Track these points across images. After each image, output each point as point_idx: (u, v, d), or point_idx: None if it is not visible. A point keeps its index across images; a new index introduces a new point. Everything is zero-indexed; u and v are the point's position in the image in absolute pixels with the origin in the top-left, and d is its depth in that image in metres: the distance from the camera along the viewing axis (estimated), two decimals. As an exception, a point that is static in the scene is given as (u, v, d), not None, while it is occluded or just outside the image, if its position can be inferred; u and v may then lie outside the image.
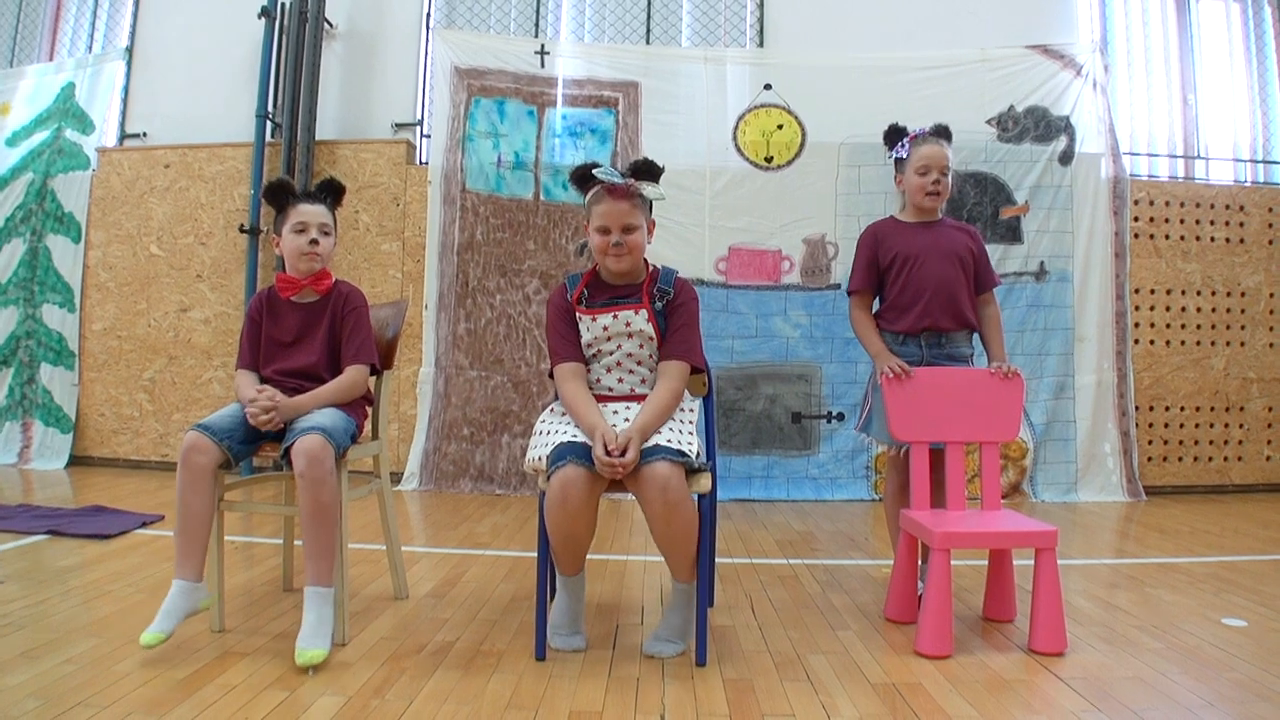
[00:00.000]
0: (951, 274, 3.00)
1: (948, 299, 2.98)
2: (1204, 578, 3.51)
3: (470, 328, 5.48)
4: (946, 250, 3.01)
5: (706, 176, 5.52)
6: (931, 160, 2.98)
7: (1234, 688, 2.28)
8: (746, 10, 6.06)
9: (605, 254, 2.55)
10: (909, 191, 3.05)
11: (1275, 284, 5.93)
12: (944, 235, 3.05)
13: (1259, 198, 5.97)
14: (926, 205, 3.02)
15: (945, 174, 2.99)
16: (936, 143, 3.01)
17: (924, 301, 2.97)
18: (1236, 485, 5.85)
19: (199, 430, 2.43)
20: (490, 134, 5.60)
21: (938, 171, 2.98)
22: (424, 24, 6.11)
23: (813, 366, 5.44)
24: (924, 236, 3.02)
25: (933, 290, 2.97)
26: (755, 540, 4.19)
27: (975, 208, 5.53)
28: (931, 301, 2.97)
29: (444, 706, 2.09)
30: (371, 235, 5.74)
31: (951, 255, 3.01)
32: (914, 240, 3.02)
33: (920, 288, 2.98)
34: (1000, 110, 5.59)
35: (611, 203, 2.52)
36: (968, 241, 3.07)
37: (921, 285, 2.98)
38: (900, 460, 3.02)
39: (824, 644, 2.62)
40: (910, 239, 3.03)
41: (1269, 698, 2.21)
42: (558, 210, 5.54)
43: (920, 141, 3.02)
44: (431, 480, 5.36)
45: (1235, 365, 5.87)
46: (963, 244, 3.05)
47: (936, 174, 2.98)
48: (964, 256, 3.03)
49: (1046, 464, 5.45)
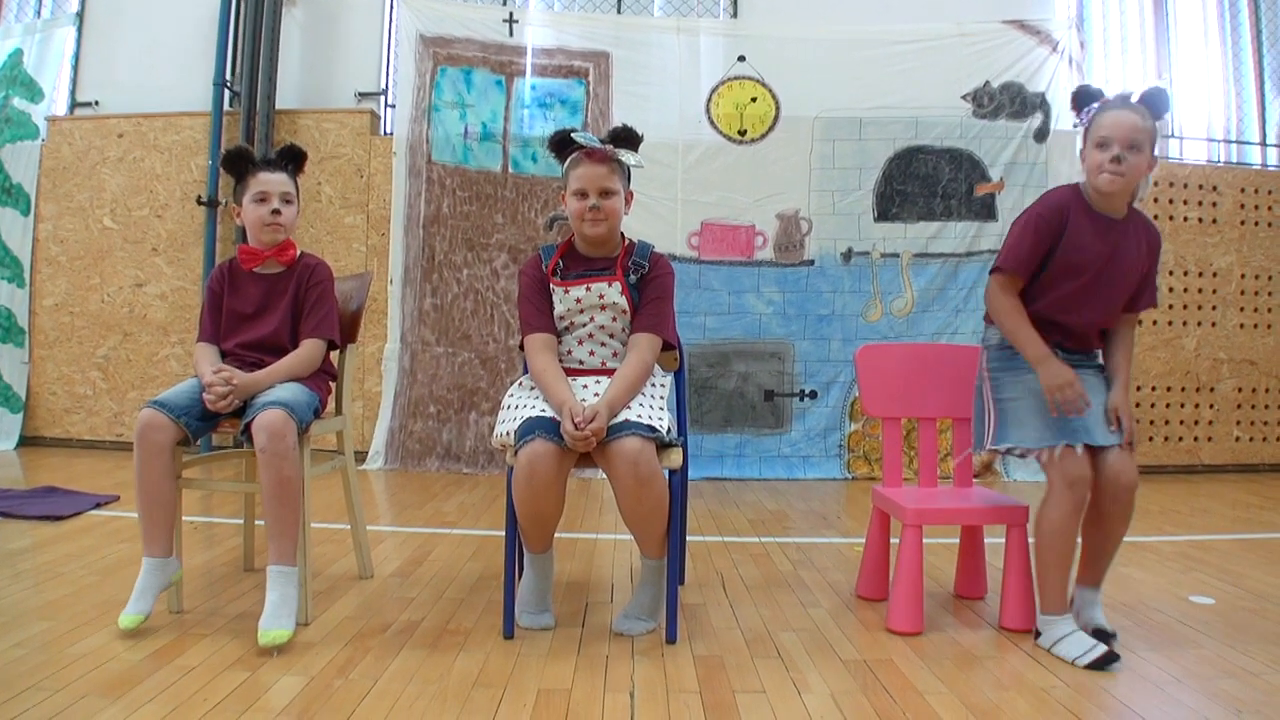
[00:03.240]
0: (1120, 300, 2.45)
1: (1102, 330, 2.49)
2: (1173, 556, 3.53)
3: (436, 303, 5.35)
4: (1129, 268, 2.42)
5: (679, 150, 5.42)
6: (1116, 130, 2.29)
7: (1201, 664, 2.29)
8: (720, -20, 5.95)
9: (582, 219, 2.48)
10: (1088, 171, 2.38)
11: (1246, 264, 5.93)
12: (1130, 243, 2.41)
13: (1231, 178, 5.96)
14: (1104, 187, 2.33)
15: (1135, 151, 2.30)
16: (1130, 109, 2.34)
17: (1078, 328, 2.44)
18: (1206, 465, 5.86)
19: (154, 407, 2.36)
20: (457, 104, 5.45)
21: (1121, 146, 2.28)
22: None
23: (785, 344, 5.37)
24: (1108, 240, 2.39)
25: (1096, 318, 2.45)
26: (727, 519, 4.15)
27: (950, 184, 5.47)
28: (1088, 329, 2.46)
29: (409, 686, 2.05)
30: (335, 208, 5.59)
31: (1132, 275, 2.44)
32: (1097, 244, 2.38)
33: (1081, 312, 2.42)
34: (976, 86, 5.52)
35: (590, 166, 2.47)
36: (1147, 251, 2.47)
37: (1084, 309, 2.42)
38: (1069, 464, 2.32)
39: (795, 621, 2.61)
40: (1093, 240, 2.38)
41: (1235, 674, 2.23)
42: (526, 183, 5.41)
43: (1107, 107, 2.36)
44: (397, 459, 5.24)
45: (1206, 345, 5.87)
46: (1143, 255, 2.46)
47: (1119, 148, 2.28)
48: (1136, 274, 2.45)
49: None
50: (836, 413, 5.39)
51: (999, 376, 2.48)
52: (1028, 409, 2.38)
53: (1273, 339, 5.96)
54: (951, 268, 5.41)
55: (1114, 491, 2.28)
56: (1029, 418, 2.37)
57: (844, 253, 5.42)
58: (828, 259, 5.40)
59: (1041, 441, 2.33)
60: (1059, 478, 2.28)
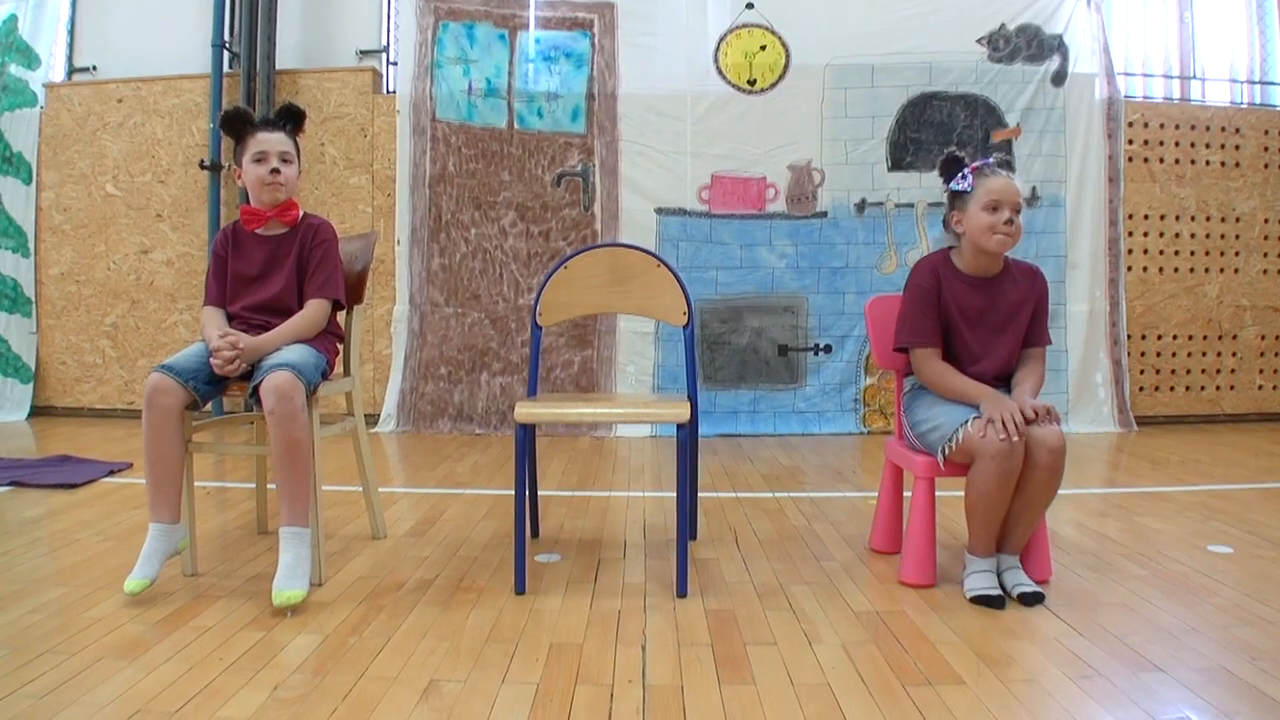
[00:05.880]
0: (1012, 346, 2.56)
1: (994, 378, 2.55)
2: (1192, 506, 3.49)
3: (445, 263, 5.28)
4: (1011, 318, 2.55)
5: (687, 101, 5.30)
6: (1004, 195, 2.45)
7: (1217, 612, 2.27)
8: (727, -76, 5.78)
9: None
10: (973, 232, 2.50)
11: (1270, 209, 5.80)
12: (1008, 295, 2.55)
13: (1255, 120, 5.81)
14: (996, 248, 2.48)
15: (1018, 212, 2.48)
16: (1008, 175, 2.52)
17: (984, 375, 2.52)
18: (1229, 415, 5.78)
19: (163, 371, 2.35)
20: (460, 60, 5.34)
21: (1010, 209, 2.45)
22: (388, -55, 5.80)
23: (799, 297, 5.29)
24: (985, 296, 2.54)
25: (995, 366, 2.54)
26: (741, 475, 4.12)
27: (965, 131, 5.35)
28: (995, 374, 2.54)
29: (423, 642, 2.05)
30: (339, 169, 5.50)
31: (1018, 322, 2.55)
32: (975, 301, 2.53)
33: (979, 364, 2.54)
34: (991, 29, 5.38)
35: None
36: (1029, 295, 2.58)
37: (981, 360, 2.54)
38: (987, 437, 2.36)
39: (808, 575, 2.59)
40: (971, 299, 2.53)
41: (1251, 622, 2.20)
42: (533, 139, 5.31)
43: (987, 172, 2.51)
44: (409, 421, 5.20)
45: (1229, 293, 5.76)
46: (1024, 301, 2.57)
47: (1009, 212, 2.45)
48: (1022, 318, 2.57)
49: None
50: (851, 367, 5.32)
51: (913, 411, 2.59)
52: (939, 410, 2.47)
53: (1296, 284, 5.85)
54: (967, 217, 5.31)
55: (1037, 454, 2.28)
56: (941, 415, 2.45)
57: (858, 203, 5.32)
58: (841, 210, 5.30)
59: (955, 421, 2.37)
60: (980, 449, 2.29)
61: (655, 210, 5.27)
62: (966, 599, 2.34)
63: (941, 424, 2.41)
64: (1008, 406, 2.28)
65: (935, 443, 2.42)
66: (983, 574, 2.36)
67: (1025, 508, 2.34)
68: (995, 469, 2.27)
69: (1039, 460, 2.26)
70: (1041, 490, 2.31)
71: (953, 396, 2.45)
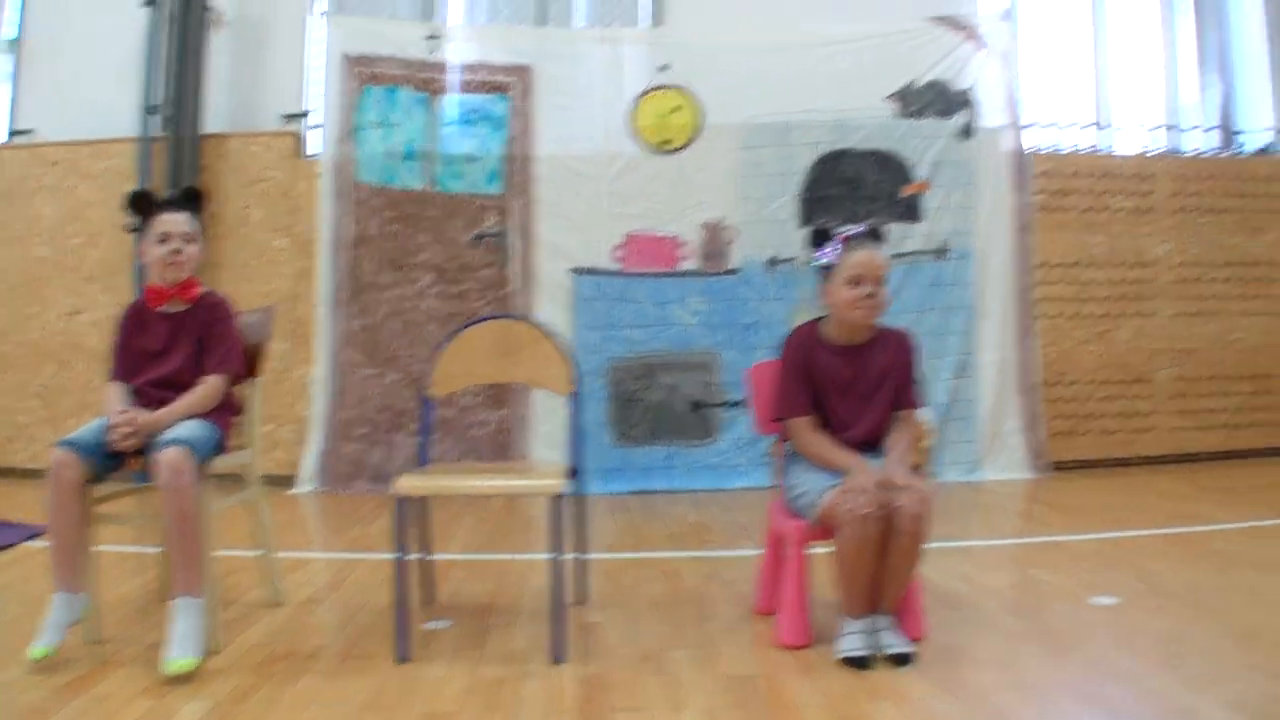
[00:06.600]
0: (882, 409, 2.66)
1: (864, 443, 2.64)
2: (1087, 555, 3.55)
3: (364, 324, 5.38)
4: (879, 383, 2.65)
5: (603, 162, 5.42)
6: (866, 269, 2.53)
7: (1085, 668, 2.33)
8: (642, -15, 5.91)
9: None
10: (836, 305, 2.59)
11: (1184, 252, 5.91)
12: (874, 361, 2.65)
13: (1166, 166, 5.94)
14: (860, 320, 2.58)
15: (881, 284, 2.56)
16: (872, 247, 2.59)
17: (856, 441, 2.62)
18: (1144, 458, 5.85)
19: (64, 447, 2.48)
20: (381, 124, 5.45)
21: (872, 282, 2.54)
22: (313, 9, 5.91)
23: (712, 354, 5.39)
24: (853, 364, 2.64)
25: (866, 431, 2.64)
26: (647, 534, 4.20)
27: (876, 186, 5.46)
28: (866, 439, 2.64)
29: (306, 711, 2.14)
30: (262, 231, 5.60)
31: (885, 387, 2.66)
32: (843, 369, 2.63)
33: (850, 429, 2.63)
34: (900, 85, 5.50)
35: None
36: (897, 360, 2.69)
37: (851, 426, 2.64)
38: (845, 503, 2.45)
39: (690, 638, 2.65)
40: (839, 367, 2.63)
41: (1119, 677, 2.26)
42: (451, 201, 5.42)
43: (852, 246, 2.57)
44: (327, 482, 5.28)
45: (1142, 337, 5.87)
46: (892, 367, 2.68)
47: (871, 285, 2.53)
48: (890, 384, 2.67)
49: (950, 444, 5.44)
50: (767, 420, 5.41)
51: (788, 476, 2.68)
52: (809, 477, 2.56)
53: (1211, 327, 5.95)
54: (879, 271, 5.40)
55: (899, 521, 2.36)
56: (810, 482, 2.55)
57: (769, 260, 5.42)
58: (753, 267, 5.41)
59: (820, 488, 2.47)
60: (840, 518, 2.39)
61: (571, 270, 5.37)
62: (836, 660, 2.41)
63: (809, 491, 2.51)
64: (868, 477, 2.38)
65: (804, 508, 2.53)
66: (854, 635, 2.42)
67: (893, 571, 2.42)
68: (853, 536, 2.36)
69: (901, 527, 2.35)
70: (905, 556, 2.39)
71: (823, 465, 2.55)
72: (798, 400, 2.63)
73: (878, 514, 2.34)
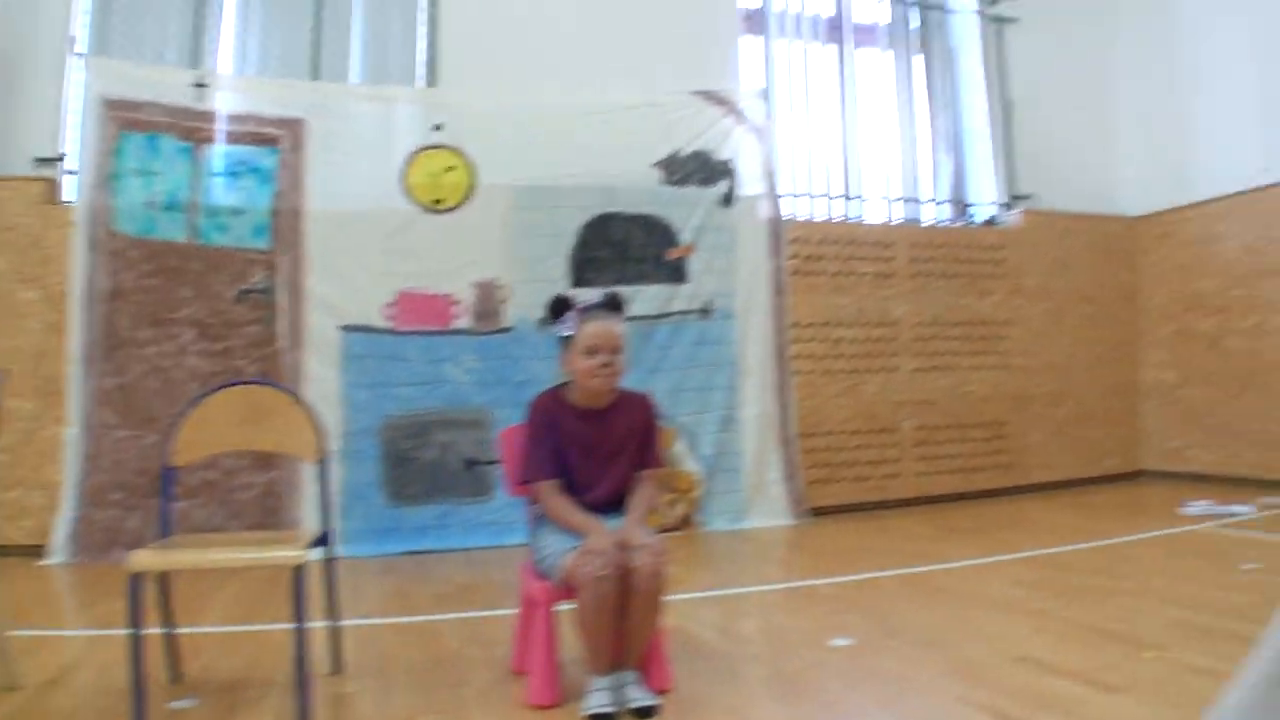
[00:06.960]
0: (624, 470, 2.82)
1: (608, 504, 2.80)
2: (831, 598, 3.79)
3: (120, 383, 5.14)
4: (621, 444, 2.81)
5: (376, 219, 5.42)
6: (601, 339, 2.68)
7: (821, 710, 2.51)
8: (417, 47, 5.98)
9: None
10: (575, 374, 2.74)
11: (920, 313, 6.51)
12: (616, 424, 2.81)
13: (905, 235, 6.54)
14: (598, 388, 2.74)
15: (617, 352, 2.70)
16: (606, 318, 2.73)
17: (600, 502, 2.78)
18: (894, 500, 6.37)
19: None
20: (141, 172, 5.26)
21: (608, 351, 2.68)
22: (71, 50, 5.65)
23: (485, 411, 5.47)
24: (596, 427, 2.79)
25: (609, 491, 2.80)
26: (413, 597, 4.18)
27: (643, 249, 5.73)
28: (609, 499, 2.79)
29: None
30: (9, 282, 5.26)
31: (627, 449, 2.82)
32: (585, 433, 2.78)
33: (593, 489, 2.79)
34: (666, 154, 5.81)
35: None
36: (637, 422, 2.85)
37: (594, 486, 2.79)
38: None
39: (442, 703, 2.67)
40: (582, 431, 2.78)
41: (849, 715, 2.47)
42: (216, 255, 5.28)
43: (589, 317, 2.71)
44: (80, 551, 4.97)
45: (887, 390, 6.40)
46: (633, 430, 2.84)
47: (607, 355, 2.68)
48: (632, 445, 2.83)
49: (717, 494, 5.74)
50: (542, 472, 5.53)
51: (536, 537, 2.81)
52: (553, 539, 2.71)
53: (947, 380, 6.57)
54: (646, 329, 5.64)
55: (636, 581, 2.53)
56: (553, 544, 2.69)
57: (541, 319, 5.56)
58: (525, 325, 5.54)
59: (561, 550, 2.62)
60: (577, 579, 2.54)
61: (341, 327, 5.33)
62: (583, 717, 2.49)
63: (553, 553, 2.64)
64: (604, 539, 2.53)
65: (549, 570, 2.64)
66: (600, 692, 2.52)
67: (634, 627, 2.56)
68: (591, 596, 2.48)
69: (638, 586, 2.50)
70: (644, 612, 2.54)
71: (566, 527, 2.68)
72: (543, 464, 2.75)
73: (614, 574, 2.50)
